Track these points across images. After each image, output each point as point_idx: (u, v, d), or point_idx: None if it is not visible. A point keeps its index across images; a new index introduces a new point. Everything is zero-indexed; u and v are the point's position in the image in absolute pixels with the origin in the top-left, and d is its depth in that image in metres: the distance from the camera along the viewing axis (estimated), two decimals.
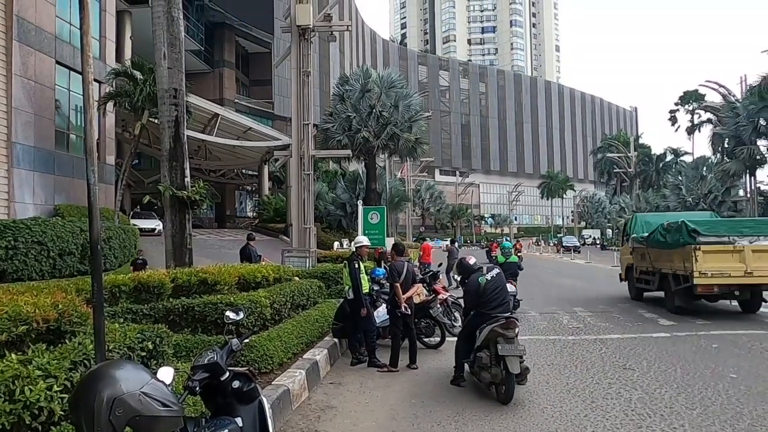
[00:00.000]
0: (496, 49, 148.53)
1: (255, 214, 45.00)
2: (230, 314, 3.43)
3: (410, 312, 7.62)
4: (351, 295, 7.93)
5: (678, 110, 66.49)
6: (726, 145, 45.31)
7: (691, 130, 63.79)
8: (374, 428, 5.26)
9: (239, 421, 2.84)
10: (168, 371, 2.40)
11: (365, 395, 6.34)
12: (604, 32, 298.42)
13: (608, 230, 72.78)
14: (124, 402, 1.87)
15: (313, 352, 7.29)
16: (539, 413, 5.51)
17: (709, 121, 58.51)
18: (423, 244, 19.01)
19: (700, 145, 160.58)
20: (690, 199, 46.37)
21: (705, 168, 47.82)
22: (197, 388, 2.74)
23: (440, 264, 16.76)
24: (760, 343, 8.60)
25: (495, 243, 28.77)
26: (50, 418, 3.03)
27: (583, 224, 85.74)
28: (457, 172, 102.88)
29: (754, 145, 38.15)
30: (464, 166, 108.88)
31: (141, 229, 21.91)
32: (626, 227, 16.16)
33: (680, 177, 49.90)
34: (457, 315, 9.44)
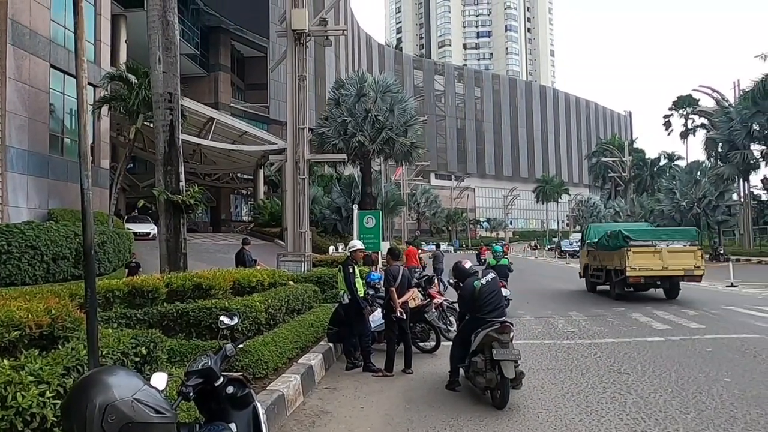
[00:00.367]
0: (492, 54, 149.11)
1: (250, 218, 44.94)
2: (224, 319, 3.41)
3: (405, 316, 7.62)
4: (346, 300, 7.93)
5: (672, 115, 66.84)
6: (719, 150, 45.65)
7: (685, 135, 64.16)
8: None
9: (233, 427, 2.82)
10: (161, 377, 2.38)
11: (360, 400, 6.33)
12: (599, 37, 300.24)
13: None
14: (117, 409, 1.86)
15: (308, 357, 7.27)
16: (534, 418, 5.51)
17: (703, 126, 58.88)
18: (407, 249, 18.42)
19: (694, 150, 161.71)
20: (684, 204, 46.49)
21: (699, 172, 47.97)
22: (191, 394, 2.72)
23: (435, 268, 16.73)
24: (754, 347, 8.63)
25: (484, 246, 30.03)
26: (43, 425, 3.00)
27: (578, 228, 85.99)
28: (453, 176, 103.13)
29: (748, 150, 38.41)
30: (460, 170, 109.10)
31: (135, 234, 21.87)
32: (583, 235, 19.46)
33: (674, 181, 50.05)
34: (453, 319, 9.44)
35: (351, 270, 7.91)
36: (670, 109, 67.12)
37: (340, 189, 39.32)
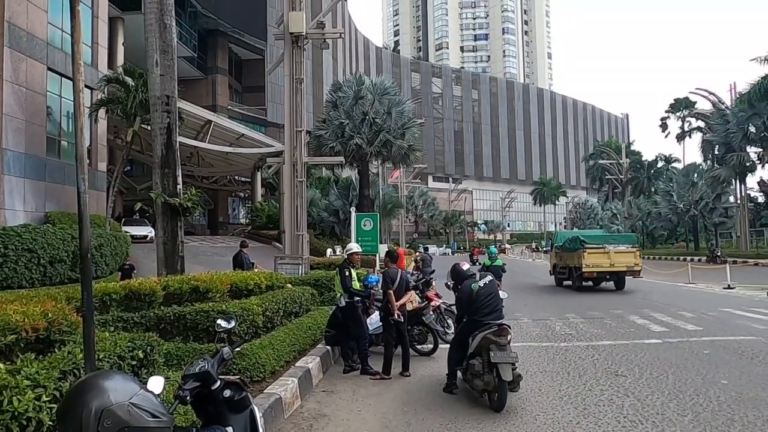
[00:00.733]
0: (489, 57, 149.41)
1: (248, 221, 44.85)
2: (222, 322, 3.40)
3: (403, 319, 7.61)
4: (343, 303, 7.92)
5: (669, 117, 66.94)
6: (716, 152, 45.75)
7: (682, 137, 64.26)
8: None
9: (231, 431, 2.82)
10: (158, 381, 2.38)
11: (358, 403, 6.32)
12: (596, 40, 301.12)
13: None
14: (113, 413, 1.85)
15: (306, 360, 7.25)
16: (532, 421, 5.51)
17: (699, 129, 59.00)
18: (400, 249, 18.50)
19: (691, 152, 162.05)
20: (681, 206, 46.59)
21: (696, 174, 48.11)
22: (188, 398, 2.71)
23: (433, 271, 16.72)
24: (751, 349, 8.64)
25: (476, 248, 31.88)
26: (39, 429, 2.99)
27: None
28: (450, 179, 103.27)
29: (744, 152, 38.51)
30: (457, 173, 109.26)
31: (133, 236, 21.82)
32: (552, 241, 24.55)
33: (671, 183, 50.15)
34: (450, 322, 9.42)
35: (348, 273, 7.91)
36: (667, 112, 67.24)
37: (338, 192, 39.31)
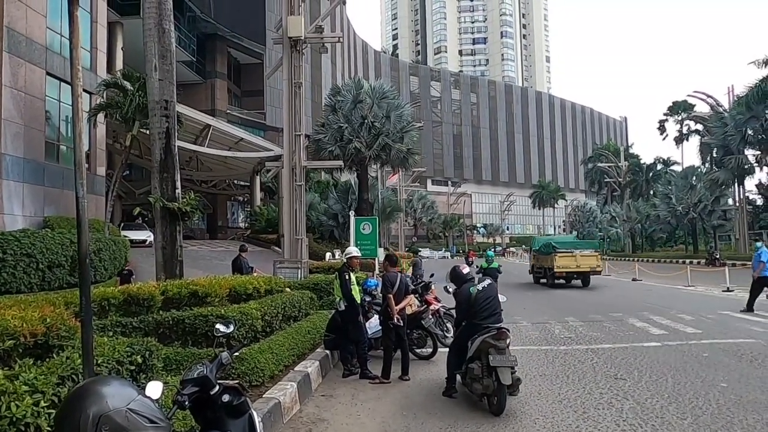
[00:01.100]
0: (487, 60, 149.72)
1: (247, 225, 44.86)
2: (220, 327, 3.40)
3: (403, 323, 7.61)
4: (342, 307, 7.91)
5: (667, 120, 67.12)
6: (714, 155, 45.80)
7: (680, 140, 64.41)
8: None
9: None
10: (157, 386, 2.37)
11: (357, 407, 6.31)
12: (595, 43, 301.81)
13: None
14: (111, 419, 1.85)
15: (305, 364, 7.24)
16: (531, 424, 5.50)
17: (698, 132, 59.13)
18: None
19: (689, 155, 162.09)
20: (680, 209, 46.64)
21: (694, 177, 48.16)
22: (186, 403, 2.71)
23: (432, 274, 16.72)
24: (750, 352, 8.64)
25: (471, 251, 33.38)
26: None
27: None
28: (449, 182, 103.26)
29: (742, 155, 38.56)
30: (456, 176, 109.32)
31: (132, 241, 21.81)
32: (531, 245, 28.26)
33: (670, 186, 50.19)
34: (449, 326, 9.42)
35: (347, 277, 7.90)
36: (666, 115, 67.46)
37: (337, 195, 39.30)
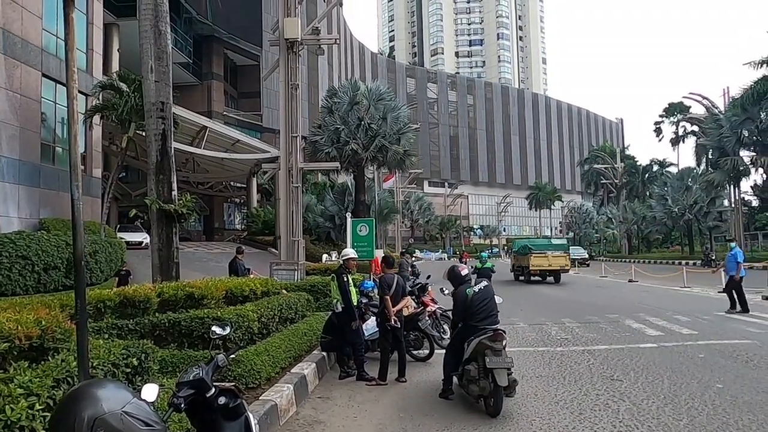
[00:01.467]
0: (484, 62, 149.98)
1: (243, 227, 44.81)
2: (216, 329, 3.40)
3: (400, 325, 7.60)
4: (339, 308, 7.89)
5: (663, 122, 67.42)
6: (710, 156, 45.99)
7: (676, 142, 64.69)
8: None
9: None
10: (152, 389, 2.37)
11: (354, 409, 6.30)
12: (591, 45, 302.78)
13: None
14: (105, 422, 1.84)
15: (302, 366, 7.23)
16: (528, 426, 5.50)
17: (693, 133, 59.37)
18: (375, 257, 18.04)
19: (685, 156, 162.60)
20: (676, 210, 46.77)
21: (690, 179, 48.32)
22: (182, 405, 2.71)
23: (428, 276, 16.71)
24: (746, 353, 8.67)
25: (465, 253, 34.30)
26: None
27: (572, 234, 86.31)
28: (446, 184, 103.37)
29: (738, 156, 38.71)
30: (453, 178, 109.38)
31: (128, 243, 21.76)
32: (512, 247, 33.56)
33: (666, 188, 50.35)
34: (446, 327, 9.43)
35: (345, 278, 7.90)
36: (661, 116, 67.76)
37: (334, 197, 39.30)
